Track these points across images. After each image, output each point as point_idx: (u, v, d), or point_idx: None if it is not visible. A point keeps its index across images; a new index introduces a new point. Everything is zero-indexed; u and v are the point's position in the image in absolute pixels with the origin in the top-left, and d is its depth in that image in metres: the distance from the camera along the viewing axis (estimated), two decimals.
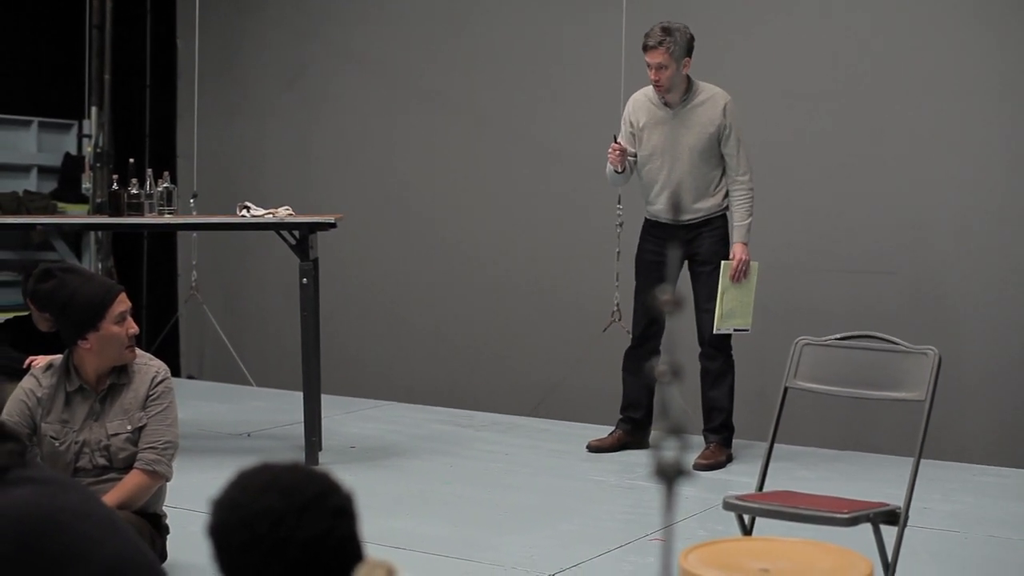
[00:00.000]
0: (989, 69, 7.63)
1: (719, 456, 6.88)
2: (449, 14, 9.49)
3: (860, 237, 7.97)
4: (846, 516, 4.06)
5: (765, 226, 7.52)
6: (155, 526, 4.19)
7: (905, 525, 4.26)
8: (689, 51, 6.74)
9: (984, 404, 7.63)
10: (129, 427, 4.09)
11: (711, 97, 6.86)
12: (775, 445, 4.70)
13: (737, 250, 6.84)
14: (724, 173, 6.91)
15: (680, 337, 5.96)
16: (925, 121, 7.79)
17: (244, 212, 6.89)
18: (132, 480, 4.06)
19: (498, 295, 9.28)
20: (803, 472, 6.70)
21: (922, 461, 4.44)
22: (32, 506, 2.32)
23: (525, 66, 9.14)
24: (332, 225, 6.82)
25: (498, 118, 9.25)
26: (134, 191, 6.89)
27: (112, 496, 3.98)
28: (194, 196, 9.26)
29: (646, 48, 6.73)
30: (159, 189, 6.99)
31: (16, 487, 2.34)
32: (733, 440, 7.01)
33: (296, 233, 6.80)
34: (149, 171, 7.09)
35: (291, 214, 6.92)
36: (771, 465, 4.68)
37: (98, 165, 8.99)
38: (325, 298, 7.41)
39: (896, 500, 4.33)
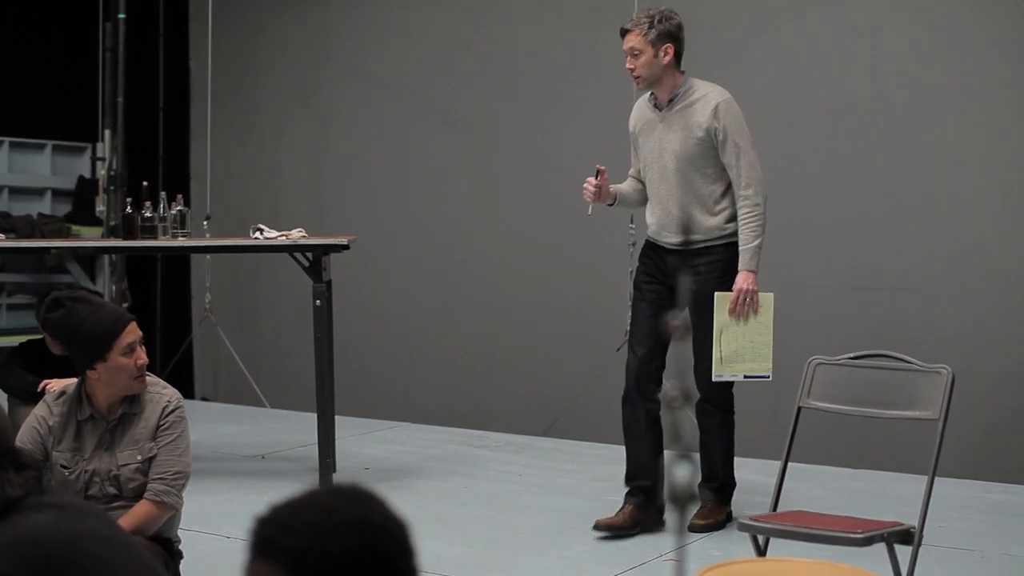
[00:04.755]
0: (1007, 87, 7.61)
1: (717, 515, 5.99)
2: (461, 33, 9.52)
3: (874, 254, 7.96)
4: (860, 536, 4.06)
5: (778, 243, 7.51)
6: (168, 551, 4.19)
7: (920, 544, 4.26)
8: (672, 38, 5.78)
9: (999, 421, 7.61)
10: (139, 457, 4.08)
11: (704, 96, 5.83)
12: (789, 464, 4.70)
13: (739, 279, 5.73)
14: (730, 189, 5.86)
15: (688, 361, 5.86)
16: (941, 138, 7.78)
17: (257, 234, 6.91)
18: (141, 510, 4.05)
19: (511, 315, 9.28)
20: (817, 491, 6.69)
21: (936, 479, 4.44)
22: (52, 532, 2.33)
23: (538, 85, 9.15)
24: (345, 247, 6.84)
25: (511, 137, 9.27)
26: (148, 214, 6.91)
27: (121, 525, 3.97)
28: (207, 218, 9.28)
29: (621, 35, 5.86)
30: (172, 212, 7.01)
31: (36, 513, 2.35)
32: (741, 472, 6.90)
33: (309, 255, 6.82)
34: (163, 194, 7.12)
35: (304, 236, 6.94)
36: (785, 484, 4.68)
37: (112, 188, 9.01)
38: (339, 319, 7.42)
39: (911, 519, 4.33)
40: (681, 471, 1.92)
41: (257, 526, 2.01)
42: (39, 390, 5.63)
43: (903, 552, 4.23)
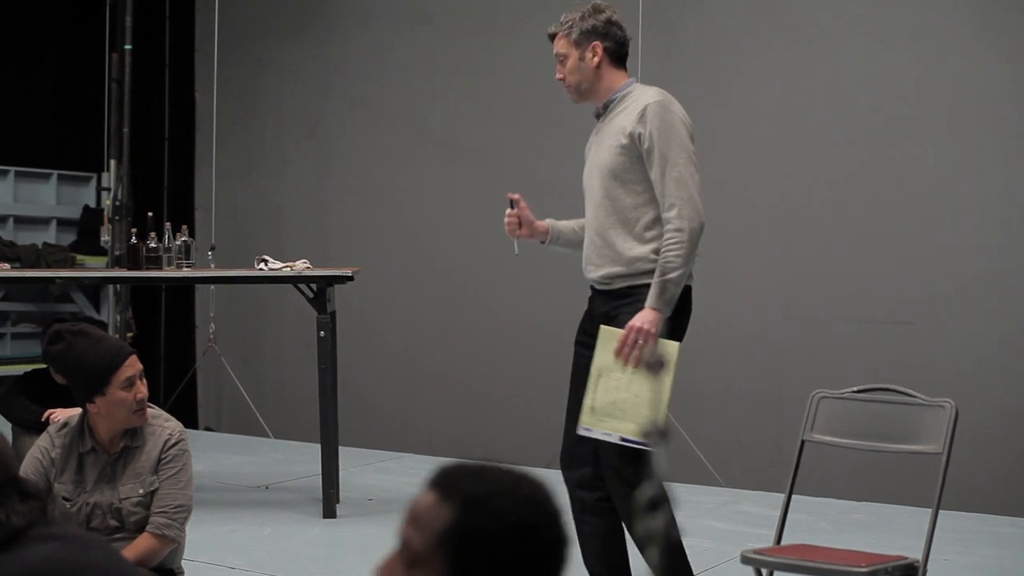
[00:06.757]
0: (1014, 116, 7.61)
1: None
2: (464, 64, 9.54)
3: (878, 287, 7.95)
4: (864, 570, 4.04)
5: (782, 275, 7.51)
6: None
7: None
8: (600, 35, 4.72)
9: (1003, 455, 7.59)
10: (141, 491, 4.07)
11: (637, 98, 4.67)
12: (792, 497, 4.69)
13: (637, 316, 4.48)
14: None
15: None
16: (945, 170, 7.78)
17: (262, 265, 6.93)
18: (143, 543, 4.04)
19: (516, 346, 9.27)
20: (821, 525, 6.67)
21: (940, 512, 4.43)
22: (56, 563, 2.33)
23: (539, 115, 9.16)
24: (349, 278, 6.85)
25: (514, 166, 9.27)
26: (152, 244, 6.93)
27: None
28: (212, 249, 9.30)
29: (550, 40, 4.93)
30: (177, 242, 7.04)
31: (40, 543, 2.35)
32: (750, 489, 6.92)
33: (314, 286, 6.83)
34: (167, 224, 7.14)
35: (308, 267, 6.96)
36: (789, 517, 4.67)
37: (117, 218, 9.04)
38: (343, 350, 7.42)
39: (915, 552, 4.32)
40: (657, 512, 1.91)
41: (444, 468, 2.04)
42: (43, 420, 5.64)
43: None
